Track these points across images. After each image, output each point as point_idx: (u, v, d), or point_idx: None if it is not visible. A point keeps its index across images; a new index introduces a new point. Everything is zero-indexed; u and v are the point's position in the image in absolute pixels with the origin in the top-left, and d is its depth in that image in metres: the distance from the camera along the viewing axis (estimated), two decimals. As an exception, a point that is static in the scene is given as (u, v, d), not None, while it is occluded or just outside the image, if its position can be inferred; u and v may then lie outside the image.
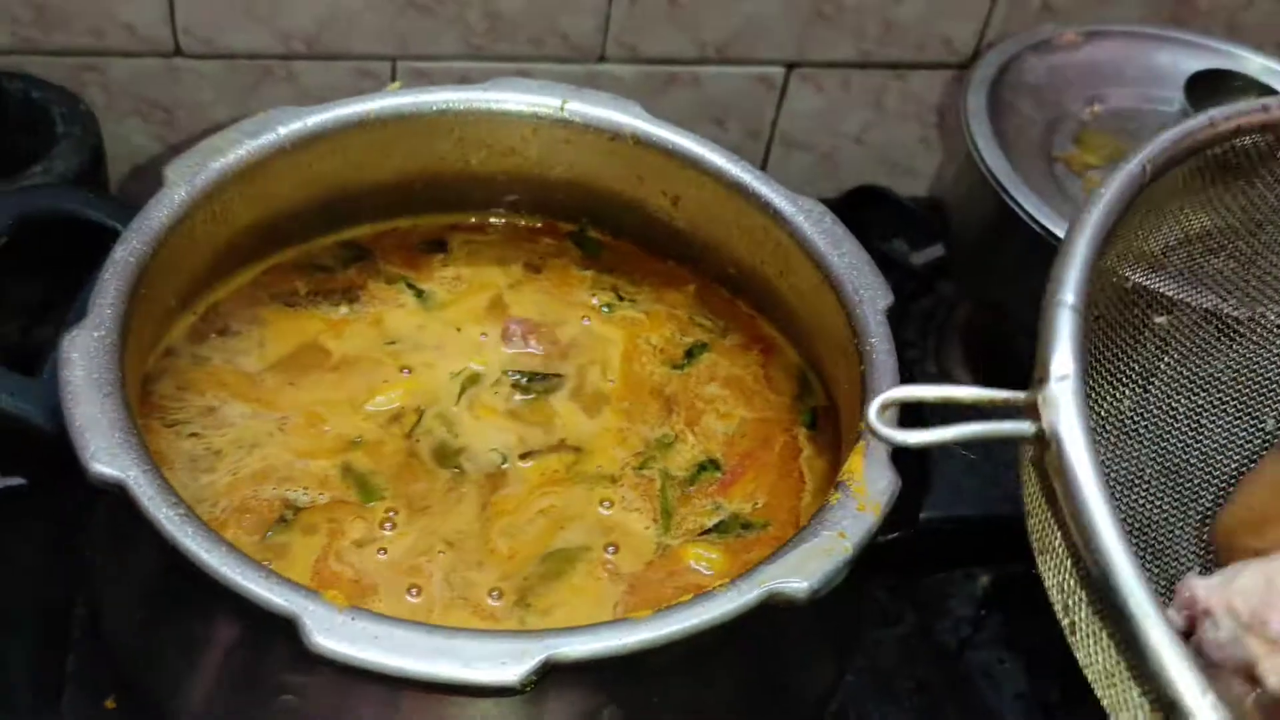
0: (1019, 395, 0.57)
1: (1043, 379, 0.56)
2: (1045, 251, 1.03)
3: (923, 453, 0.73)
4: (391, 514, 0.72)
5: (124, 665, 0.70)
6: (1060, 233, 1.00)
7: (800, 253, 0.80)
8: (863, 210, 1.29)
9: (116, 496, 0.60)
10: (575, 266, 0.90)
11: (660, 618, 0.58)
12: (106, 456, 0.60)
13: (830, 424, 0.81)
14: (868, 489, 0.65)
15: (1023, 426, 0.56)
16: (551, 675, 0.56)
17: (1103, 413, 0.69)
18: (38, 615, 0.93)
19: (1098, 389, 0.69)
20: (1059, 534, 0.56)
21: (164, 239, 0.72)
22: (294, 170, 0.81)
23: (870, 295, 0.76)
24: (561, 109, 0.85)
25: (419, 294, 0.86)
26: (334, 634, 0.55)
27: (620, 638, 0.57)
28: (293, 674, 0.60)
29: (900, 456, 0.68)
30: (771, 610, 0.60)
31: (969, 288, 1.26)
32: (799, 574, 0.60)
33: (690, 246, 0.90)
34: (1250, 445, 0.76)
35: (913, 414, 0.69)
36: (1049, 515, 0.56)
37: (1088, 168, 1.11)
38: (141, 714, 0.81)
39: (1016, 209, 1.03)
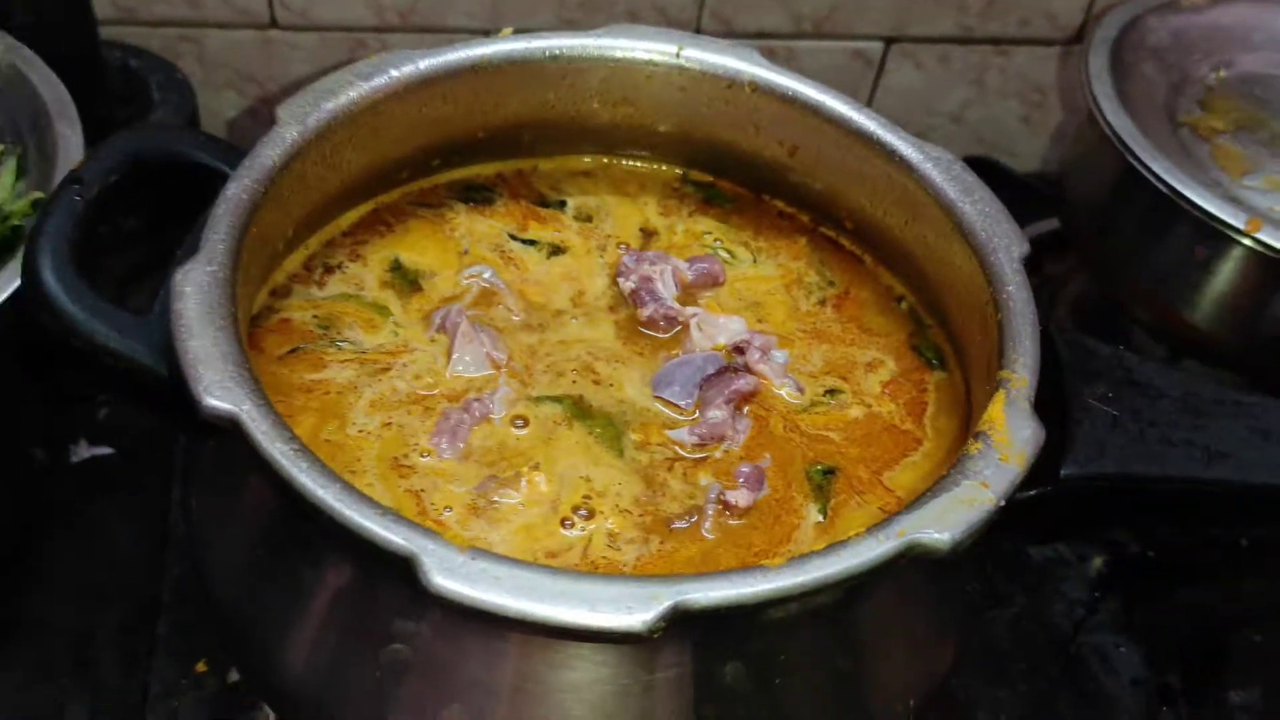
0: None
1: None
2: (1171, 215, 0.99)
3: (1064, 409, 0.69)
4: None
5: (225, 616, 0.68)
6: (1192, 195, 0.96)
7: (929, 200, 0.76)
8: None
9: (228, 432, 0.58)
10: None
11: (794, 565, 0.55)
12: (220, 390, 0.58)
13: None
14: (1010, 439, 0.61)
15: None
16: (678, 623, 0.53)
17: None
18: (127, 586, 0.93)
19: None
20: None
21: (275, 178, 0.71)
22: (405, 114, 0.79)
23: (1005, 243, 0.72)
24: (677, 55, 0.82)
25: (529, 244, 0.84)
26: (454, 574, 0.53)
27: (752, 585, 0.54)
28: (405, 620, 0.58)
29: (1042, 414, 0.64)
30: (909, 562, 0.56)
31: (1085, 258, 1.21)
32: (940, 524, 0.57)
33: (805, 198, 0.86)
34: None
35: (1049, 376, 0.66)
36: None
37: (1215, 133, 1.06)
38: (236, 674, 0.80)
39: (1143, 170, 0.98)
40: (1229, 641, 0.99)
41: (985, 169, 1.31)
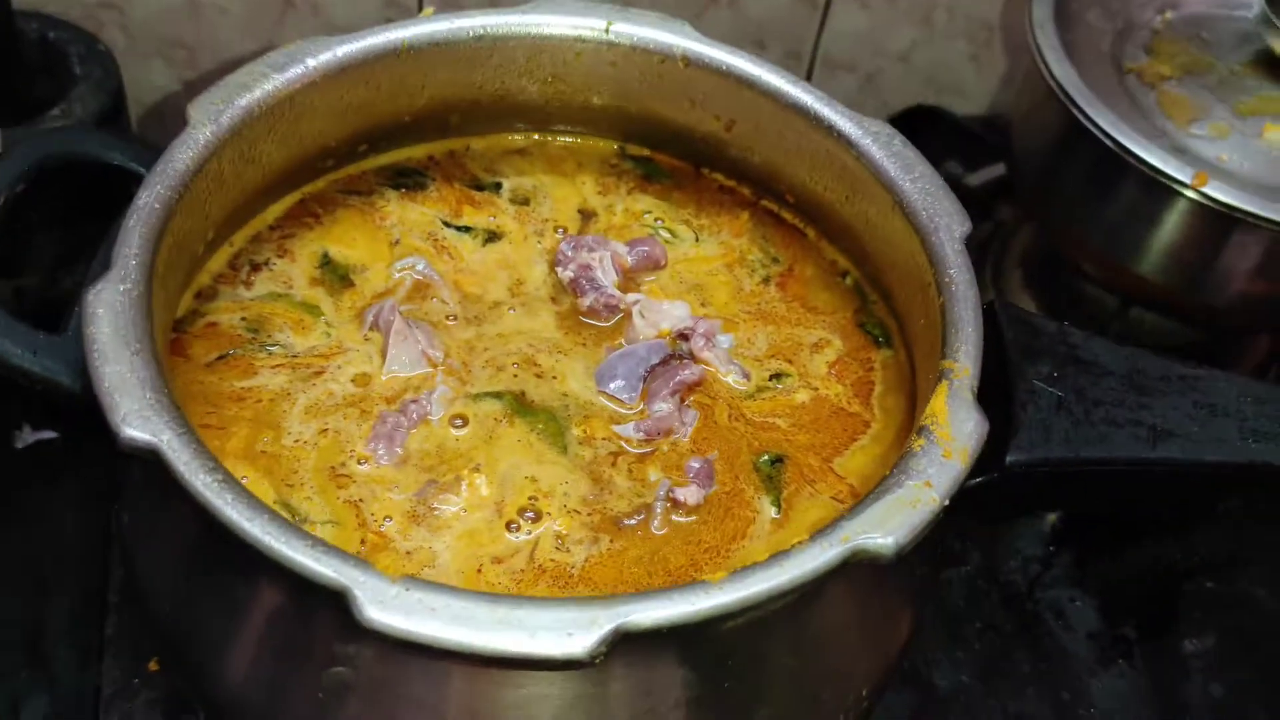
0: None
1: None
2: (1118, 169, 0.98)
3: (1008, 390, 0.68)
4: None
5: (162, 632, 0.66)
6: (1137, 149, 0.94)
7: (869, 177, 0.74)
8: (915, 131, 1.22)
9: (149, 461, 0.56)
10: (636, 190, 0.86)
11: (737, 579, 0.54)
12: (138, 420, 0.56)
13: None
14: (953, 433, 0.60)
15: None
16: (620, 644, 0.52)
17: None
18: (75, 575, 0.91)
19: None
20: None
21: (190, 182, 0.68)
22: (325, 103, 0.76)
23: (946, 222, 0.71)
24: (607, 30, 0.79)
25: (464, 230, 0.81)
26: (387, 607, 0.51)
27: (694, 603, 0.53)
28: (344, 645, 0.57)
29: (985, 395, 0.63)
30: (854, 565, 0.56)
31: (1031, 210, 1.20)
32: (883, 529, 0.56)
33: (746, 172, 0.84)
34: None
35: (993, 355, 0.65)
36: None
37: (1162, 79, 1.04)
38: (185, 679, 0.78)
39: (1087, 123, 0.96)
40: (1181, 590, 1.00)
41: (932, 118, 1.30)
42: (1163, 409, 0.68)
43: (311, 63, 0.74)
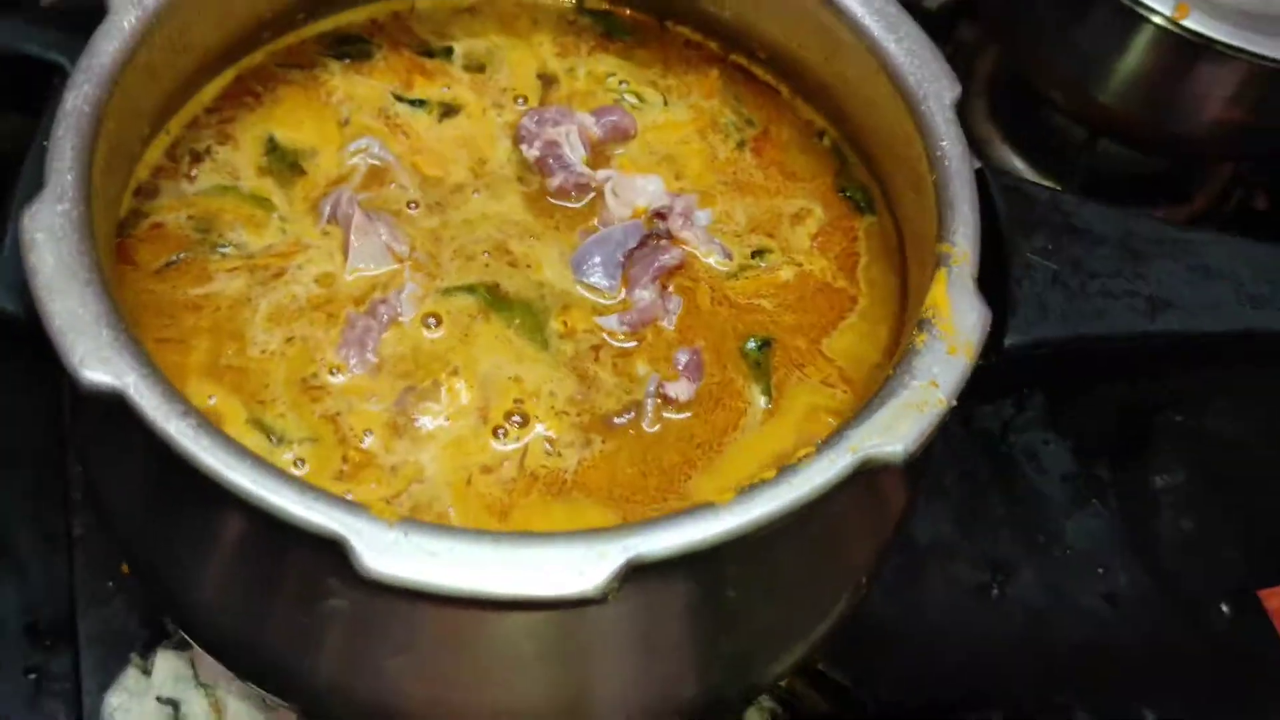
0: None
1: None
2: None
3: (1003, 264, 0.65)
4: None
5: (132, 559, 0.64)
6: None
7: (851, 37, 0.70)
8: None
9: (113, 405, 0.52)
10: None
11: (745, 500, 0.52)
12: (97, 362, 0.52)
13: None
14: (956, 325, 0.58)
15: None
16: (631, 577, 0.50)
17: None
18: (31, 463, 0.87)
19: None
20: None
21: (118, 78, 0.62)
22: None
23: (935, 89, 0.67)
24: None
25: (417, 105, 0.76)
26: (387, 554, 0.49)
27: (704, 529, 0.51)
28: (340, 587, 0.55)
29: (984, 278, 0.61)
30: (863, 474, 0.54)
31: (994, 33, 1.15)
32: (892, 435, 0.54)
33: (713, 29, 0.79)
34: None
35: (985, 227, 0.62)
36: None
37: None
38: (158, 598, 0.76)
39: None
40: (1152, 425, 1.01)
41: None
42: (1158, 276, 0.66)
43: (240, -72, 0.67)
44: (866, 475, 0.55)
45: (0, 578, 0.85)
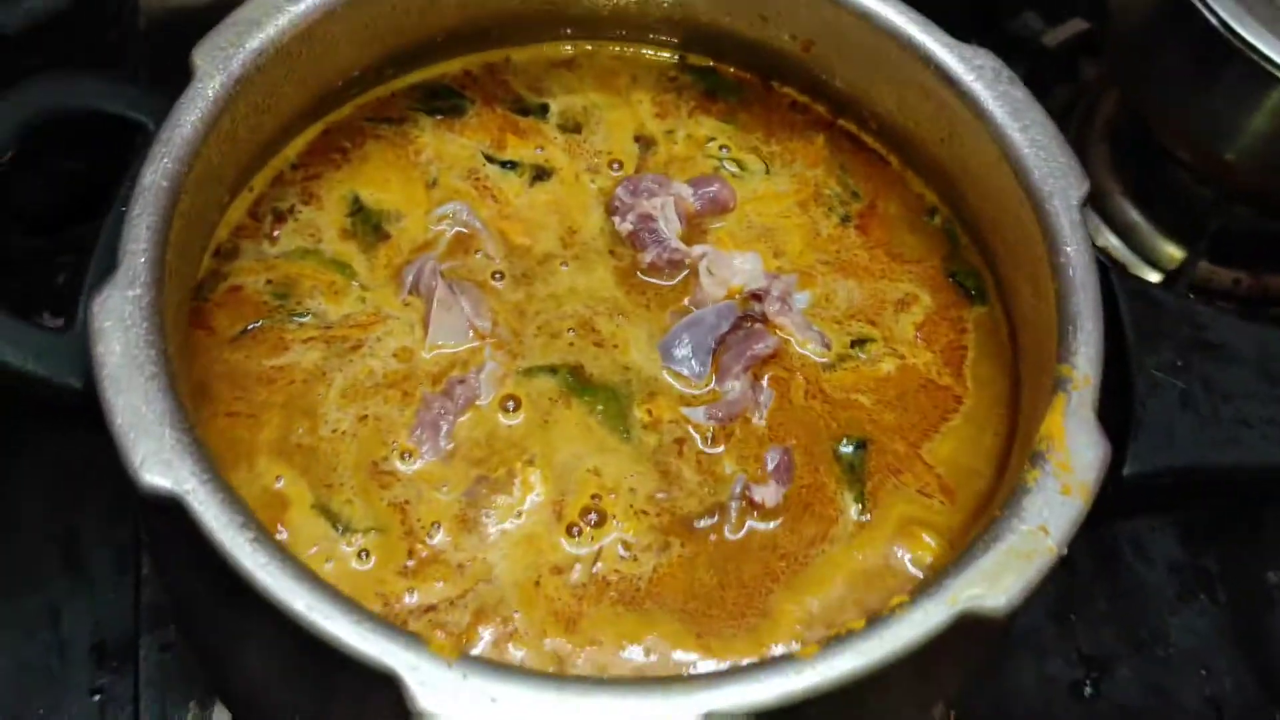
0: None
1: None
2: (1216, 44, 0.87)
3: (1125, 380, 0.60)
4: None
5: (188, 637, 0.62)
6: (1245, 33, 0.83)
7: (973, 121, 0.65)
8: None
9: (173, 510, 0.50)
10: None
11: (831, 653, 0.48)
12: (158, 465, 0.50)
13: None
14: (1073, 462, 0.53)
15: None
16: (704, 731, 0.47)
17: None
18: (114, 479, 0.87)
19: None
20: None
21: (200, 149, 0.60)
22: (348, 33, 0.67)
23: (1062, 185, 0.62)
24: (667, -66, 0.69)
25: (509, 167, 0.73)
26: (444, 695, 0.46)
27: (784, 684, 0.47)
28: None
29: (1104, 392, 0.56)
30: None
31: (1118, 73, 1.08)
32: (995, 587, 0.50)
33: (822, 92, 0.75)
34: None
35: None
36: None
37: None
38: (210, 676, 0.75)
39: (1193, -3, 0.85)
40: (1263, 513, 0.95)
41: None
42: (1299, 402, 0.61)
43: (329, -11, 0.64)
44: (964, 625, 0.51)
45: (73, 593, 0.84)
